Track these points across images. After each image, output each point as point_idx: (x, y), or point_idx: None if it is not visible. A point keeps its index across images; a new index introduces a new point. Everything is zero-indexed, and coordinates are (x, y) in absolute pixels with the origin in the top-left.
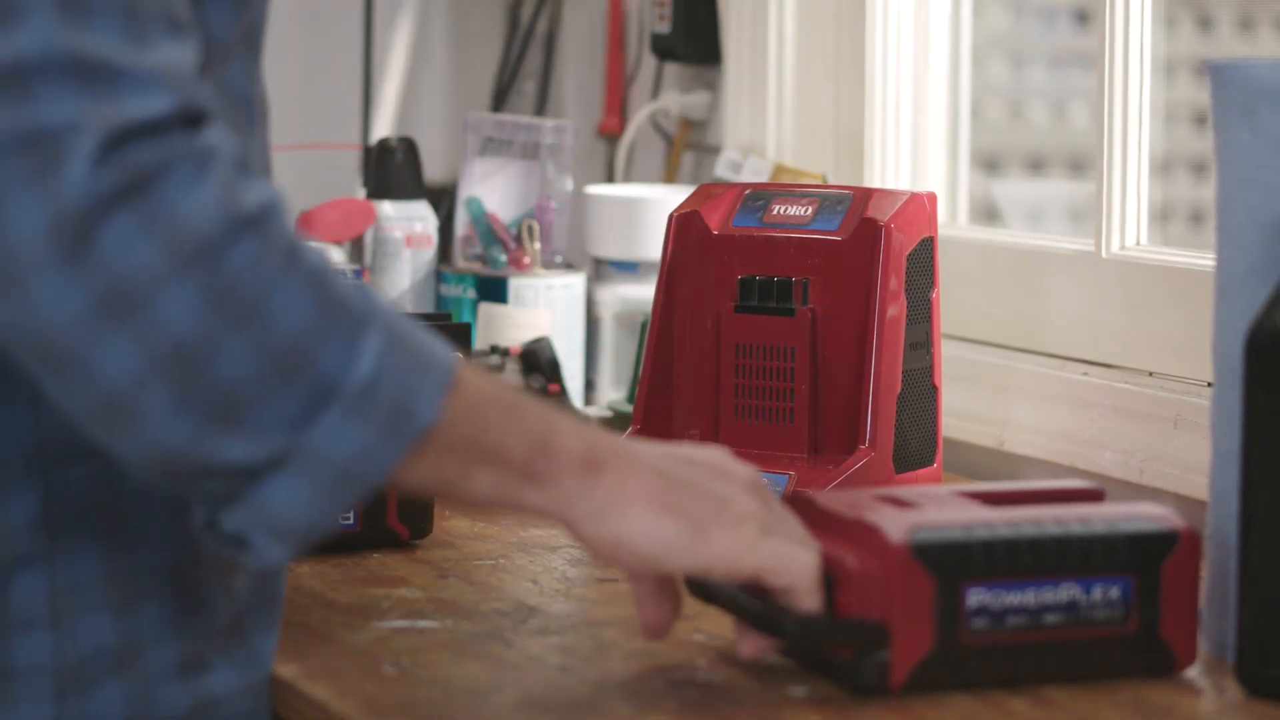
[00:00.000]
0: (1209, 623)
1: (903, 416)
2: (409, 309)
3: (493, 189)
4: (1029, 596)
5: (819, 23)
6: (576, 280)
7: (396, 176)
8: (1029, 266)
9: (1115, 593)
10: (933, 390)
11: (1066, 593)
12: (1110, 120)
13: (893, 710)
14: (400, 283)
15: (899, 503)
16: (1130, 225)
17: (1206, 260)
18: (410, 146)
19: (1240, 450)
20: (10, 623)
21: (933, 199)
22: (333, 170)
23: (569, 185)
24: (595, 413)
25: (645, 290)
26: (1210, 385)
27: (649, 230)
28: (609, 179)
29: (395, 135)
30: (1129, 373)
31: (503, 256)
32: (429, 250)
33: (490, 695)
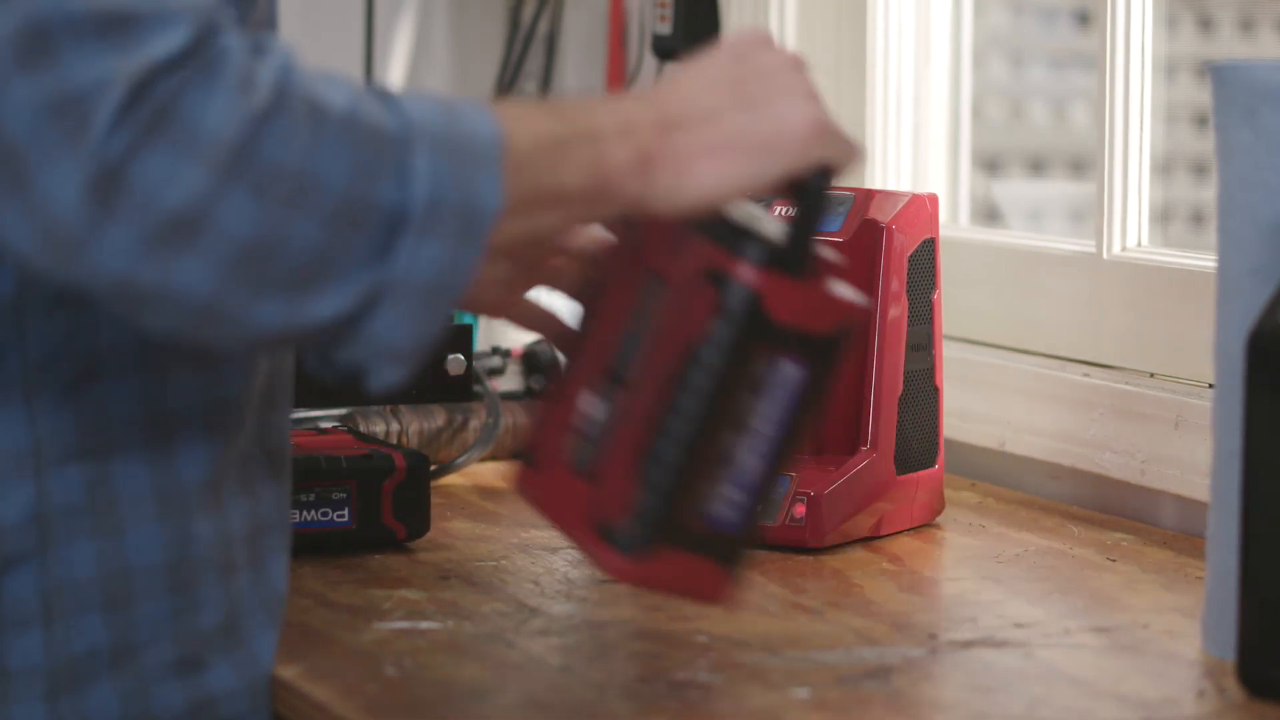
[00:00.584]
0: (1209, 623)
1: (904, 417)
2: None
3: None
4: None
5: (819, 23)
6: None
7: None
8: (1030, 267)
9: None
10: (934, 391)
11: None
12: (1111, 121)
13: (893, 710)
14: None
15: None
16: (1131, 226)
17: (1207, 261)
18: None
19: (1241, 451)
20: (2, 622)
21: (934, 200)
22: None
23: None
24: None
25: None
26: (1211, 386)
27: None
28: None
29: None
30: (1130, 374)
31: None
32: None
33: (492, 696)
